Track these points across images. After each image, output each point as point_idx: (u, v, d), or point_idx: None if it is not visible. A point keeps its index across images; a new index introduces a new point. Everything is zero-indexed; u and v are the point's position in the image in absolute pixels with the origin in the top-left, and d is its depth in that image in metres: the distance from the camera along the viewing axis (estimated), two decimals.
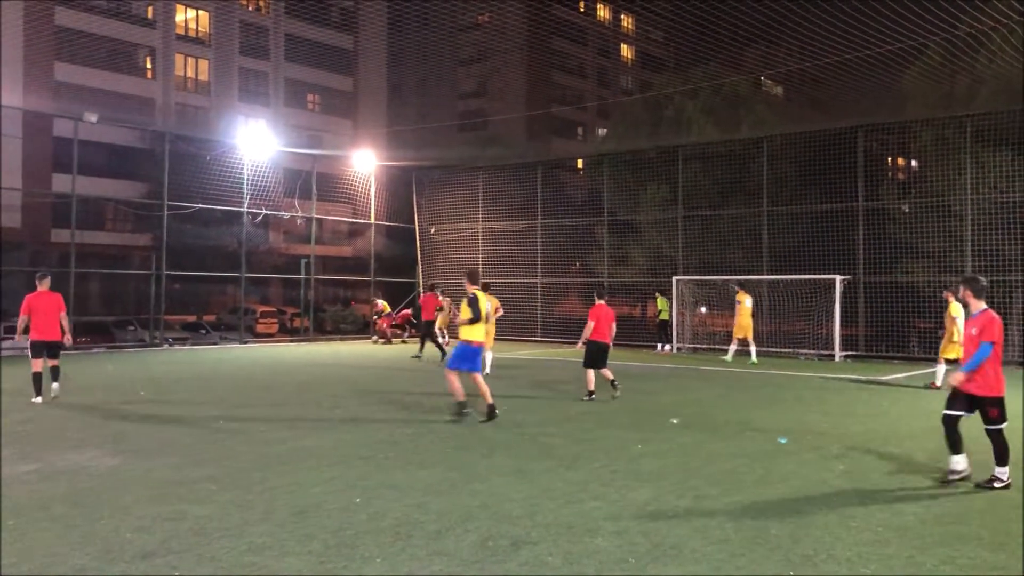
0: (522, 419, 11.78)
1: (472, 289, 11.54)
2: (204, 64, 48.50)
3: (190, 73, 48.16)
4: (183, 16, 48.07)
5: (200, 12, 48.49)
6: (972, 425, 7.90)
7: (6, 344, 25.71)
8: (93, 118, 24.49)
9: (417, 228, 32.94)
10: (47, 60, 41.31)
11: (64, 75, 41.73)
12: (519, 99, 61.27)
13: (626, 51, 75.90)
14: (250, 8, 51.04)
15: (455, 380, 11.32)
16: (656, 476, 8.15)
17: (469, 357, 11.45)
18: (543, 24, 60.57)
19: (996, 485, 7.60)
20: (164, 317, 26.93)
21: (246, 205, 27.89)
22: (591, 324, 13.85)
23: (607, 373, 14.05)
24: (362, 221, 32.94)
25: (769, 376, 18.51)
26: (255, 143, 28.29)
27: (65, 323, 13.09)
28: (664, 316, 26.23)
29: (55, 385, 13.06)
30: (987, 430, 7.75)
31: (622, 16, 75.40)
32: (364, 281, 32.89)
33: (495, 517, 6.55)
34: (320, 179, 30.64)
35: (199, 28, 48.80)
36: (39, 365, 13.03)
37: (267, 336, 33.24)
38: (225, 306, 35.63)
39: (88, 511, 6.69)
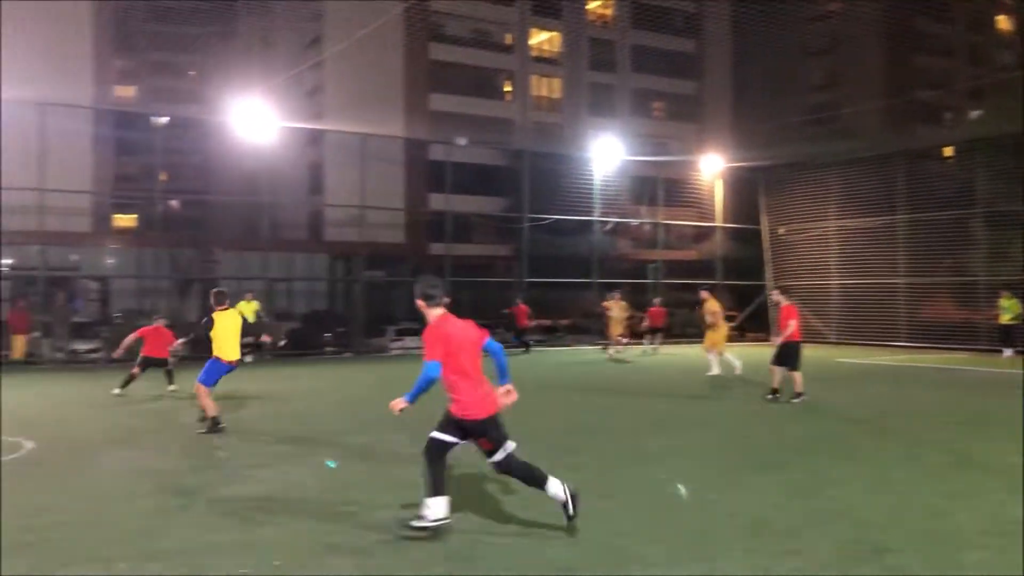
0: (889, 426, 11.21)
1: (218, 311, 11.56)
2: (556, 83, 51.44)
3: (544, 92, 51.33)
4: (537, 39, 51.36)
5: (552, 33, 51.50)
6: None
7: (396, 344, 29.28)
8: (463, 141, 27.13)
9: (764, 229, 32.20)
10: (423, 92, 46.32)
11: (437, 104, 46.48)
12: (875, 87, 57.27)
13: (1003, 23, 67.73)
14: (598, 24, 53.16)
15: (207, 396, 11.20)
16: None
17: (217, 372, 11.45)
18: (902, 4, 56.05)
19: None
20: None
21: (597, 214, 29.22)
22: (792, 323, 13.60)
23: (797, 377, 13.55)
24: (707, 224, 32.93)
25: None
26: (604, 154, 29.50)
27: (179, 349, 14.54)
28: (1007, 319, 23.31)
29: (171, 387, 15.37)
30: (490, 464, 6.16)
31: None
32: (710, 285, 32.79)
33: (854, 522, 6.41)
34: (666, 184, 31.18)
35: (551, 48, 51.84)
36: (139, 372, 15.34)
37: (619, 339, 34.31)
38: (579, 310, 37.38)
39: (468, 488, 7.59)
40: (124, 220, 54.49)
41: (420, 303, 6.48)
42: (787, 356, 13.63)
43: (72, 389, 16.37)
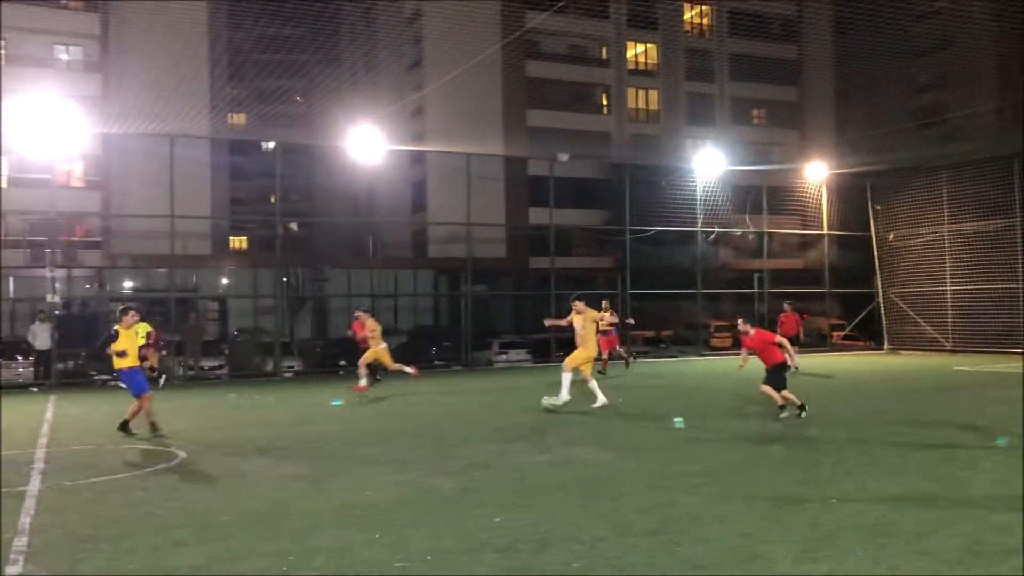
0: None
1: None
2: (654, 94, 51.45)
3: (641, 104, 51.41)
4: (633, 52, 51.51)
5: (648, 45, 51.57)
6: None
7: (501, 358, 29.80)
8: (564, 157, 27.59)
9: (874, 236, 31.51)
10: (521, 109, 47.04)
11: (535, 120, 47.11)
12: (988, 86, 55.13)
13: None
14: (694, 34, 52.94)
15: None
16: None
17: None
18: None
19: None
20: (629, 333, 29.14)
21: (699, 224, 29.21)
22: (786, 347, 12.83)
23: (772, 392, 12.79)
24: (813, 232, 32.47)
25: None
26: (704, 164, 29.48)
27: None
28: None
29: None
30: None
31: None
32: (817, 293, 32.31)
33: (981, 525, 6.51)
34: (769, 192, 30.91)
35: (648, 61, 51.90)
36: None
37: (722, 349, 34.14)
38: (681, 321, 37.33)
39: (596, 494, 7.96)
40: (238, 242, 57.12)
41: None
42: (776, 379, 12.86)
43: (203, 402, 17.44)
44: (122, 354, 12.29)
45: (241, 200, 61.54)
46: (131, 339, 12.47)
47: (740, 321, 13.68)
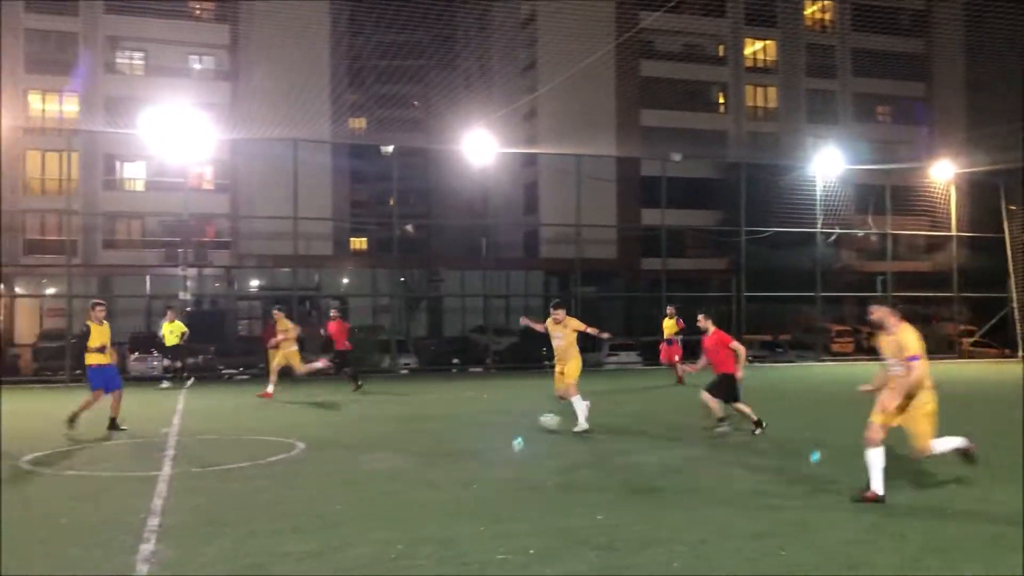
0: None
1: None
2: (772, 92, 50.16)
3: (759, 102, 50.22)
4: (751, 49, 50.39)
5: (767, 42, 50.33)
6: None
7: (610, 359, 29.72)
8: (678, 157, 27.32)
9: (1007, 237, 29.90)
10: (635, 109, 46.71)
11: (649, 120, 46.68)
12: None
13: None
14: (816, 29, 51.37)
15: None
16: None
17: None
18: None
19: None
20: (744, 336, 28.60)
21: (819, 225, 28.39)
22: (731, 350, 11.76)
23: (745, 409, 11.76)
24: (942, 233, 31.07)
25: None
26: (825, 163, 28.64)
27: None
28: None
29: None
30: None
31: None
32: (946, 297, 30.90)
33: None
34: (894, 192, 29.78)
35: (766, 57, 50.67)
36: None
37: (843, 355, 33.10)
38: (800, 325, 36.30)
39: (700, 497, 7.93)
40: (358, 243, 58.91)
41: None
42: (724, 389, 11.60)
43: (324, 397, 18.12)
44: (90, 348, 12.27)
45: (361, 202, 63.44)
46: (102, 335, 12.38)
47: (700, 317, 12.16)
